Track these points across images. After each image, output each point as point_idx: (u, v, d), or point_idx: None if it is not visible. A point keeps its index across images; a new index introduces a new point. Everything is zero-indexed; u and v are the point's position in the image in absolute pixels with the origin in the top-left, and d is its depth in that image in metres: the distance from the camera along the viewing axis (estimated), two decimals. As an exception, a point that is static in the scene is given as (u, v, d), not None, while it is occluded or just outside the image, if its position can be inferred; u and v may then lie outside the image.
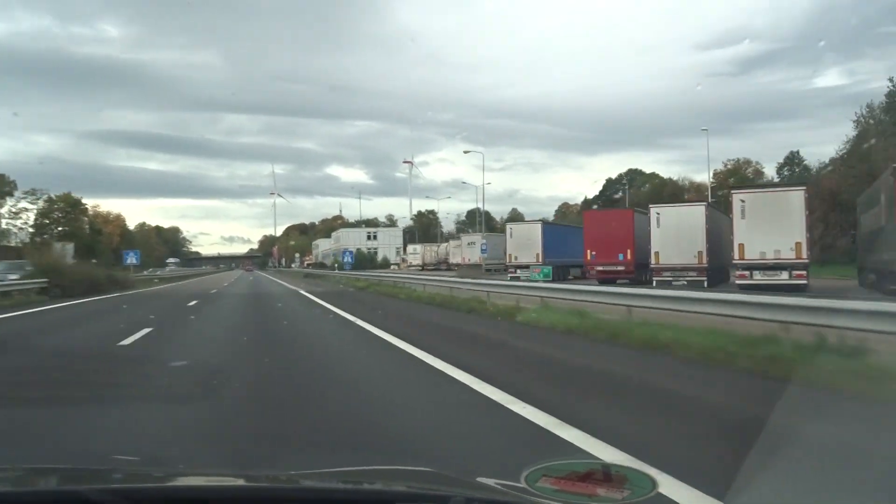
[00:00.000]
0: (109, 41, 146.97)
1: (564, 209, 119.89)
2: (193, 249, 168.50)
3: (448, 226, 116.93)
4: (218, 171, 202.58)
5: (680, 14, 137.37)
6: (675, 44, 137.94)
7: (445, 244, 65.01)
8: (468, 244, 49.73)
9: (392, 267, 76.01)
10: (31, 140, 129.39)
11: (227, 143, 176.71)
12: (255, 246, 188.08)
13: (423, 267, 62.77)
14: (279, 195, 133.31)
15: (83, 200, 63.54)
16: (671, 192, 73.51)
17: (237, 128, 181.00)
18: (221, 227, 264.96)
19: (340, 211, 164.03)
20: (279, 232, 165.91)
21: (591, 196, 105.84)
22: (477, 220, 74.60)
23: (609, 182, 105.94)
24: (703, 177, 68.99)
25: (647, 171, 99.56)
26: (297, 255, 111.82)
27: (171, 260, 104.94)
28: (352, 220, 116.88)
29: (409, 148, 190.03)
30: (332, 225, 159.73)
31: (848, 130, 46.21)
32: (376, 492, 1.60)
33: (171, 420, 4.97)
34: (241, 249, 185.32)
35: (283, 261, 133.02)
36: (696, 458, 3.64)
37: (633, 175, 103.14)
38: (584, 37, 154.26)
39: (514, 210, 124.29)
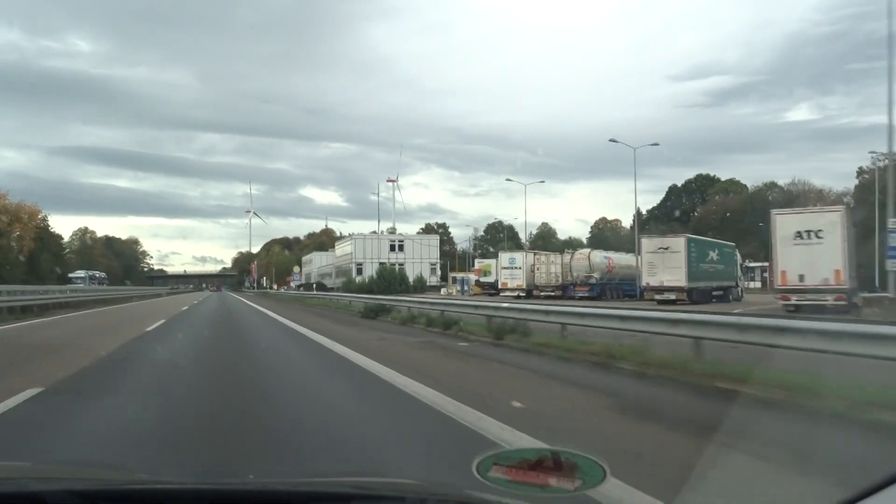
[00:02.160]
0: (80, 55, 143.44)
1: (602, 224, 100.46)
2: (158, 267, 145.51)
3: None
4: (191, 190, 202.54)
5: (655, 45, 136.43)
6: (651, 74, 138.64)
7: (568, 254, 40.88)
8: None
9: (442, 291, 53.84)
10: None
11: (200, 162, 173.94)
12: (229, 265, 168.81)
13: (532, 292, 38.81)
14: (255, 214, 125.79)
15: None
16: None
17: (211, 147, 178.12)
18: (194, 247, 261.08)
19: (327, 224, 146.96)
20: (256, 248, 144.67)
21: (650, 207, 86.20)
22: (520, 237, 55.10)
23: (674, 190, 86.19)
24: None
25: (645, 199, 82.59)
26: (298, 270, 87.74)
27: (78, 274, 72.43)
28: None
29: (384, 171, 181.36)
30: (320, 240, 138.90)
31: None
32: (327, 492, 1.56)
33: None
34: (214, 269, 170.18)
35: (265, 280, 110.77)
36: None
37: (704, 182, 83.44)
38: (561, 66, 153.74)
39: (544, 224, 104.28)
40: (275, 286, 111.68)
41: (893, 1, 19.71)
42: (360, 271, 65.58)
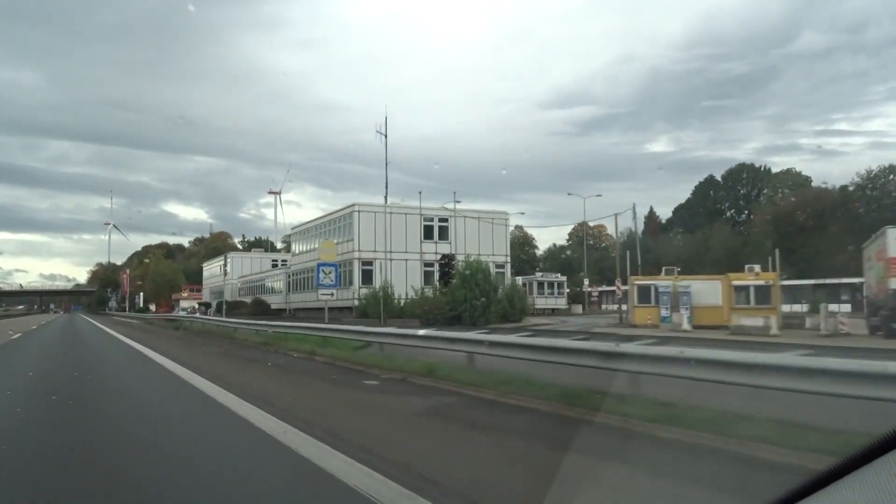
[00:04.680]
0: None
1: (587, 230, 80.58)
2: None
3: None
4: (39, 202, 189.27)
5: (527, 73, 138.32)
6: (522, 101, 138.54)
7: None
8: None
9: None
10: None
11: (50, 172, 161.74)
12: (83, 281, 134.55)
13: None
14: (115, 227, 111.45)
15: None
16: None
17: (62, 156, 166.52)
18: (42, 265, 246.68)
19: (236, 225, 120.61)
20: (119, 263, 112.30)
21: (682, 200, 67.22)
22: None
23: (707, 183, 67.50)
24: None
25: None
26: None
27: None
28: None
29: (254, 188, 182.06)
30: (213, 245, 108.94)
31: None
32: None
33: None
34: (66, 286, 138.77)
35: (140, 298, 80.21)
36: None
37: (753, 174, 65.25)
38: (440, 87, 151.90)
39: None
40: (152, 307, 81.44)
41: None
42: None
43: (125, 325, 38.93)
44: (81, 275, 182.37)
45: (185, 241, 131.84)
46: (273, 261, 71.01)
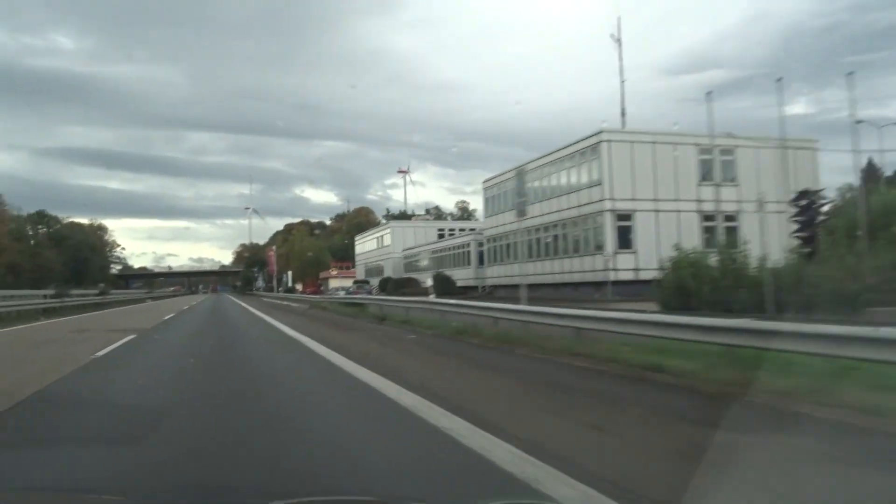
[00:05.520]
0: (64, 53, 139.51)
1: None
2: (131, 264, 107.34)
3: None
4: (184, 190, 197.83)
5: (651, 39, 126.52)
6: (647, 68, 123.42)
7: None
8: None
9: None
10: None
11: (192, 162, 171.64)
12: (228, 263, 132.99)
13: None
14: (254, 211, 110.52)
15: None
16: None
17: (202, 147, 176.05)
18: (190, 249, 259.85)
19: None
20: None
21: None
22: None
23: None
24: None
25: None
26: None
27: None
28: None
29: (380, 170, 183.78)
30: (355, 221, 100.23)
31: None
32: None
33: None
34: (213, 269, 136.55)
35: (288, 278, 71.83)
36: None
37: None
38: (557, 60, 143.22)
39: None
40: (298, 287, 72.92)
41: None
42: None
43: (287, 313, 28.07)
44: (226, 257, 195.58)
45: (325, 219, 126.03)
46: (439, 230, 59.34)
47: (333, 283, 68.54)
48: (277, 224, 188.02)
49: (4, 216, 56.95)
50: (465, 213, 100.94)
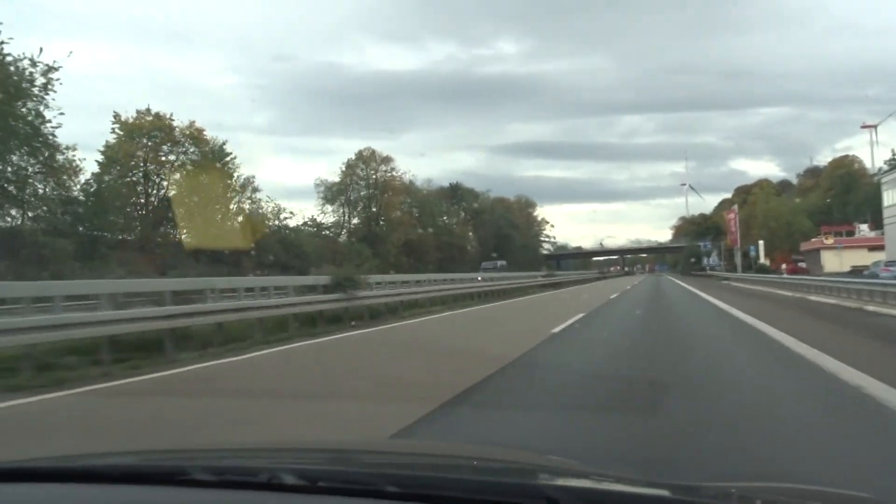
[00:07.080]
0: (507, 58, 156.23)
1: None
2: (562, 242, 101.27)
3: None
4: (618, 173, 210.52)
5: None
6: None
7: None
8: None
9: None
10: (452, 158, 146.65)
11: (624, 146, 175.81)
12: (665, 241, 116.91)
13: None
14: (690, 187, 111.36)
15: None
16: None
17: (633, 129, 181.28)
18: (626, 230, 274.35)
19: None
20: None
21: None
22: None
23: None
24: None
25: None
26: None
27: (486, 265, 48.22)
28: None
29: (825, 133, 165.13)
30: (843, 175, 72.40)
31: None
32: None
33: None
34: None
35: (760, 250, 51.82)
36: None
37: None
38: None
39: None
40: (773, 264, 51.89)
41: None
42: None
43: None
44: (663, 235, 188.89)
45: (790, 176, 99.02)
46: None
47: (827, 259, 46.53)
48: (713, 201, 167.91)
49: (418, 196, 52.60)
50: None
